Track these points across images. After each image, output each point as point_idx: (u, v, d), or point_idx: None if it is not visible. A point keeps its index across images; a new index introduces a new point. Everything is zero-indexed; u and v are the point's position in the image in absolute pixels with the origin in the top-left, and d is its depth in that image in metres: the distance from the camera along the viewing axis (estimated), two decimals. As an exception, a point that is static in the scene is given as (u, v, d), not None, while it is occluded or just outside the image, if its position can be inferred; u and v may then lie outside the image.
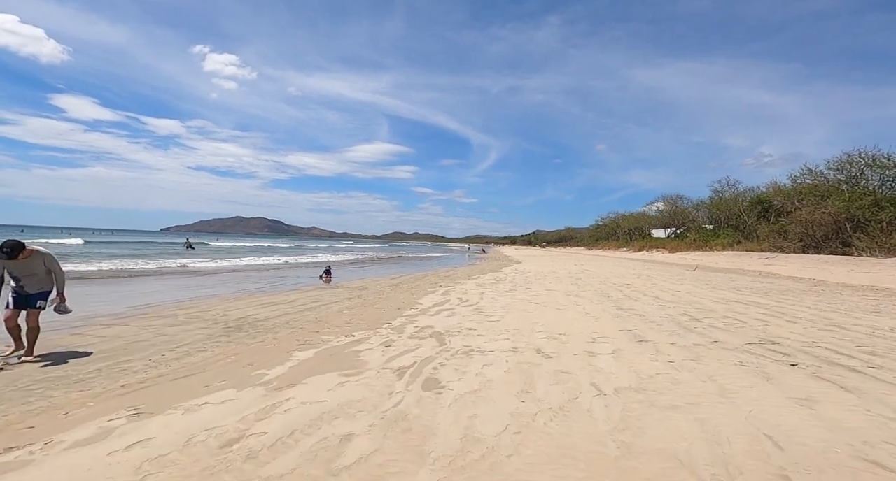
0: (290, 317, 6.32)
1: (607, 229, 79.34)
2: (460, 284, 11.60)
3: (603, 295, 9.07)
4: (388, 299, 8.53)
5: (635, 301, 8.08)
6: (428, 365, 3.76)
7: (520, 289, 10.40)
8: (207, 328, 5.40)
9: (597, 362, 3.88)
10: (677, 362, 3.86)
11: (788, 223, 30.88)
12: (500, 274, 15.86)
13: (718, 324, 5.77)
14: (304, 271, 17.10)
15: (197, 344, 4.53)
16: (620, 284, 11.44)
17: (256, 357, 4.00)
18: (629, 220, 70.42)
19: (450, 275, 16.00)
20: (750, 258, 26.40)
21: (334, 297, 8.84)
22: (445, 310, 7.09)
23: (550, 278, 13.62)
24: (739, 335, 5.04)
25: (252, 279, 13.24)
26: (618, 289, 10.13)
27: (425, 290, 10.09)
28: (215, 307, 7.18)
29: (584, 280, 12.94)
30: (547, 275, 14.83)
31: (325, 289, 10.72)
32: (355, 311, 6.95)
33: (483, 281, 12.69)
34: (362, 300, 8.48)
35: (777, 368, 3.65)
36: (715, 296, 8.94)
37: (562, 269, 18.43)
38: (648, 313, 6.65)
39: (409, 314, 6.60)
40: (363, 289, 10.74)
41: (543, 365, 3.78)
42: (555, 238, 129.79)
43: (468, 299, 8.40)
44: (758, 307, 7.30)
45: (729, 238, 38.20)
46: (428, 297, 8.72)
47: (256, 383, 3.21)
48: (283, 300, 8.23)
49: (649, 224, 65.51)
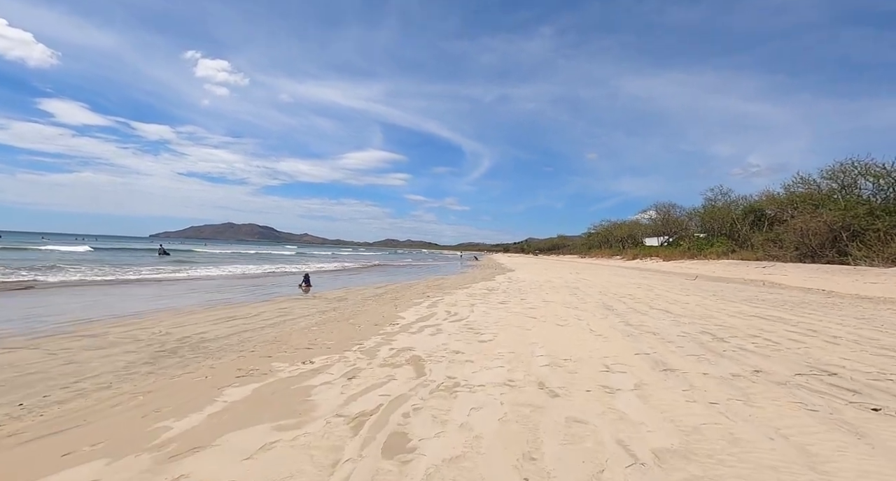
0: (245, 336, 5.35)
1: (600, 237, 79.10)
2: (450, 294, 10.68)
3: (606, 307, 8.21)
4: (366, 312, 7.58)
5: (643, 315, 7.22)
6: (397, 409, 2.84)
7: (514, 300, 9.51)
8: (135, 352, 4.41)
9: (618, 403, 2.98)
10: (722, 403, 2.98)
11: (783, 232, 30.54)
12: (493, 283, 14.97)
13: (748, 345, 4.92)
14: (286, 279, 16.07)
15: (106, 376, 3.55)
16: (622, 295, 10.61)
17: (173, 397, 3.04)
18: (622, 229, 70.25)
19: (439, 284, 15.07)
20: (747, 267, 25.83)
21: (306, 310, 7.87)
22: (430, 326, 6.16)
23: (546, 288, 12.76)
24: (780, 361, 4.18)
25: (224, 288, 12.19)
26: (620, 301, 9.28)
27: (410, 302, 9.15)
28: (161, 323, 6.17)
29: (582, 290, 12.09)
30: (542, 285, 13.96)
31: (301, 299, 9.73)
32: (325, 328, 6.00)
33: (474, 291, 11.78)
34: (337, 313, 7.52)
35: (858, 415, 2.78)
36: (729, 308, 8.12)
37: (557, 278, 17.59)
38: (662, 330, 5.78)
39: (386, 332, 5.66)
40: (342, 299, 9.77)
41: (549, 408, 2.88)
42: (547, 246, 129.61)
43: (457, 312, 7.48)
44: (783, 323, 6.48)
45: (723, 246, 37.82)
46: (412, 310, 7.78)
47: (146, 446, 2.25)
48: (247, 313, 7.24)
49: (642, 232, 65.32)
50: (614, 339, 5.20)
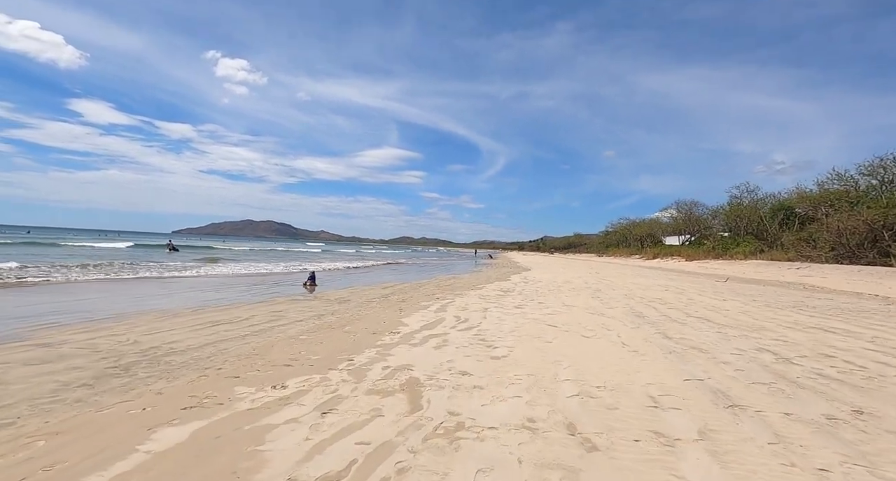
0: (221, 347, 4.64)
1: (618, 236, 77.20)
2: (461, 296, 9.87)
3: (636, 314, 7.29)
4: (366, 317, 6.83)
5: (681, 325, 6.29)
6: (375, 470, 2.05)
7: (531, 303, 8.65)
8: (81, 368, 3.72)
9: (685, 467, 2.13)
10: (836, 472, 2.11)
11: (816, 231, 28.85)
12: (508, 283, 14.10)
13: (825, 369, 3.98)
14: (294, 277, 15.48)
15: (19, 406, 2.83)
16: (651, 299, 9.63)
17: (82, 444, 2.30)
18: (641, 227, 68.33)
19: (451, 283, 14.27)
20: (778, 268, 24.33)
21: (302, 314, 7.16)
22: (436, 335, 5.37)
23: (566, 289, 11.84)
24: (884, 398, 3.25)
25: (225, 287, 11.63)
26: (650, 306, 8.33)
27: (417, 304, 8.37)
28: (136, 328, 5.52)
29: (605, 292, 11.14)
30: (561, 286, 13.04)
31: (300, 300, 9.05)
32: (316, 337, 5.25)
33: (488, 292, 10.95)
34: (335, 318, 6.78)
35: None
36: (780, 318, 7.10)
37: (576, 278, 16.61)
38: (710, 346, 4.86)
39: (384, 343, 4.88)
40: (344, 301, 9.05)
41: (588, 473, 2.05)
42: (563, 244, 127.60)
43: (467, 318, 6.67)
44: (854, 338, 5.48)
45: (750, 246, 36.12)
46: (418, 315, 7.00)
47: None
48: (234, 317, 6.56)
49: (662, 231, 63.33)
50: (654, 357, 4.32)
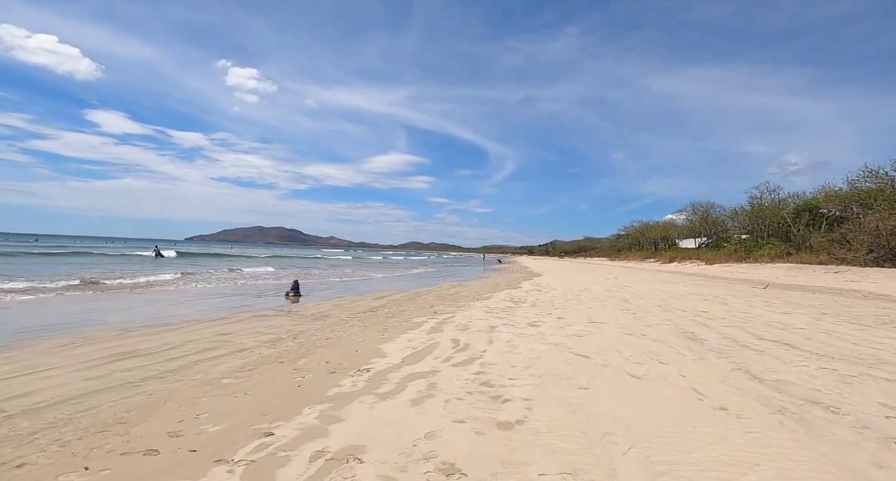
0: (86, 404, 3.08)
1: (630, 239, 75.00)
2: (464, 309, 8.25)
3: (687, 335, 5.61)
4: (337, 342, 5.25)
5: (759, 353, 4.60)
6: None
7: (548, 318, 7.01)
8: None
9: None
10: None
11: (850, 231, 26.79)
12: (519, 291, 12.44)
13: None
14: (279, 285, 14.00)
15: None
16: (694, 312, 7.91)
17: None
18: (655, 229, 66.15)
19: (454, 292, 12.66)
20: (813, 272, 22.31)
21: (255, 337, 5.60)
22: (419, 375, 3.77)
23: (586, 299, 10.15)
24: None
25: (197, 298, 10.16)
26: (698, 321, 6.64)
27: (409, 322, 6.78)
28: (11, 364, 4.01)
29: (633, 302, 9.43)
30: (579, 294, 11.35)
31: (267, 317, 7.50)
32: (245, 382, 3.68)
33: (496, 303, 9.31)
34: (295, 344, 5.21)
35: None
36: (882, 340, 5.37)
37: (594, 285, 14.88)
38: (833, 397, 3.19)
39: (340, 392, 3.30)
40: (322, 317, 7.49)
41: None
42: (573, 248, 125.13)
43: (468, 343, 5.06)
44: None
45: (775, 249, 33.98)
46: (405, 338, 5.41)
47: None
48: (160, 345, 5.02)
49: (678, 233, 61.11)
50: (761, 424, 2.67)
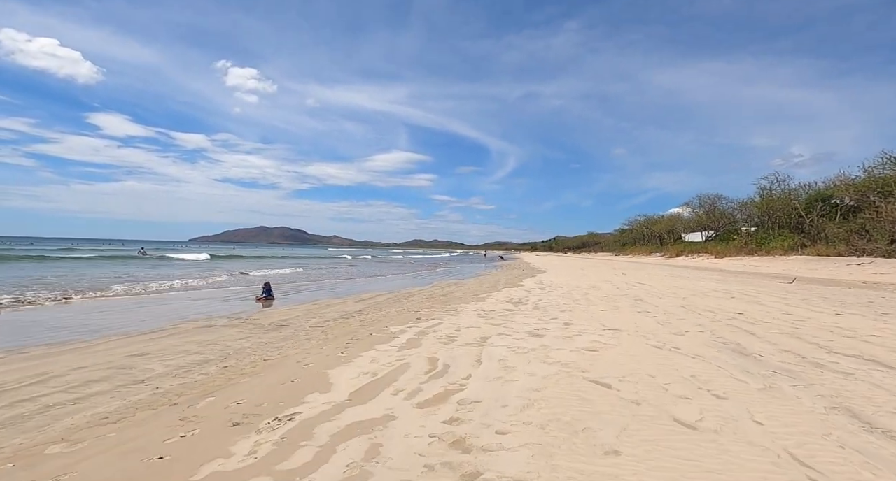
0: None
1: (634, 233, 73.50)
2: (453, 313, 7.01)
3: (735, 350, 4.34)
4: (276, 365, 4.02)
5: (848, 378, 3.32)
6: None
7: (553, 324, 5.76)
8: None
9: None
10: None
11: (870, 221, 25.36)
12: (520, 291, 11.18)
13: None
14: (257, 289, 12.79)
15: None
16: (726, 314, 6.62)
17: None
18: (661, 223, 64.66)
19: (448, 292, 11.42)
20: (834, 264, 20.93)
21: (176, 360, 4.38)
22: (360, 428, 2.52)
23: (596, 299, 8.89)
24: None
25: (155, 302, 8.96)
26: (739, 329, 5.37)
27: (382, 332, 5.55)
28: None
29: (650, 302, 8.15)
30: (588, 293, 10.08)
31: (214, 329, 6.27)
32: (89, 445, 2.46)
33: (492, 305, 8.06)
34: (219, 369, 3.98)
35: None
36: None
37: (603, 282, 13.59)
38: None
39: (219, 469, 2.08)
40: (280, 327, 6.26)
41: None
42: (577, 243, 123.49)
43: (448, 363, 3.82)
44: None
45: (788, 240, 32.52)
46: (367, 357, 4.17)
47: None
48: (39, 373, 3.80)
49: (684, 227, 59.63)
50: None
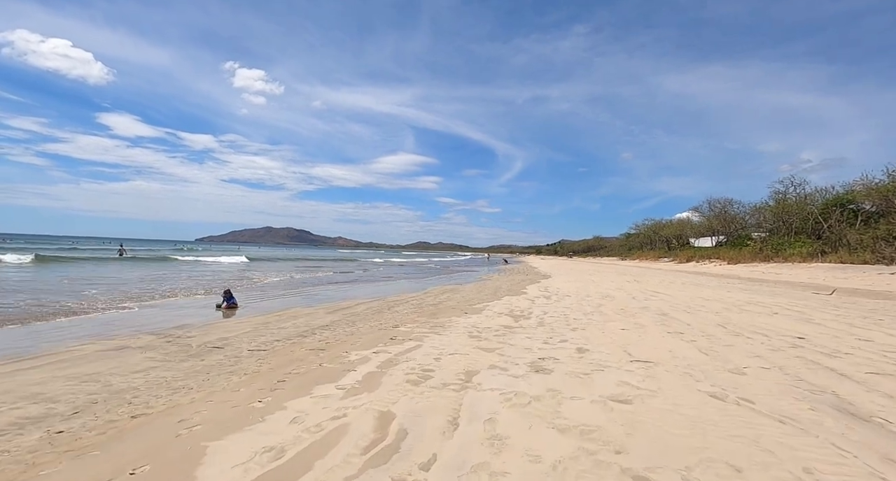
0: None
1: (641, 237, 71.78)
2: (438, 331, 5.65)
3: (835, 405, 2.93)
4: (145, 426, 2.68)
5: None
6: None
7: (564, 353, 4.38)
8: None
9: None
10: None
11: (897, 227, 23.75)
12: (522, 299, 9.78)
13: None
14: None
15: None
16: (784, 339, 5.19)
17: None
18: (669, 228, 62.96)
19: (440, 301, 10.05)
20: (863, 273, 19.31)
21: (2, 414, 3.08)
22: None
23: (612, 311, 7.48)
24: None
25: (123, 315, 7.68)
26: (818, 365, 3.97)
27: (336, 362, 4.20)
28: None
29: (677, 317, 6.72)
30: (601, 304, 8.67)
31: (124, 352, 4.95)
32: None
33: (488, 319, 6.68)
34: (38, 442, 2.67)
35: None
36: None
37: (615, 290, 12.15)
38: None
39: None
40: (210, 351, 4.92)
41: None
42: (582, 247, 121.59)
43: (405, 429, 2.46)
44: None
45: (807, 247, 30.88)
46: (289, 412, 2.83)
47: None
48: None
49: (694, 231, 57.94)
50: None
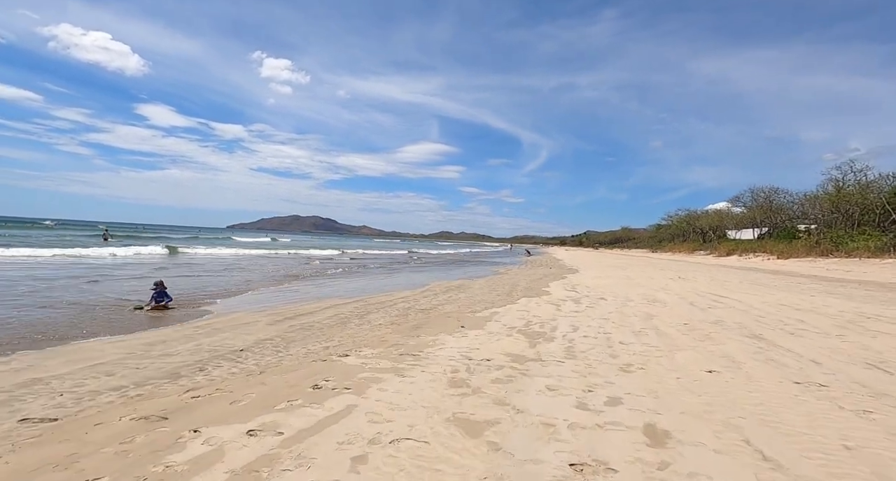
0: None
1: (673, 229, 67.48)
2: (404, 368, 3.50)
3: None
4: None
5: None
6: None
7: (620, 436, 2.18)
8: None
9: None
10: None
11: None
12: (544, 302, 7.49)
13: None
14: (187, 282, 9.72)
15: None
16: None
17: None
18: (706, 218, 58.62)
19: (437, 303, 7.88)
20: (961, 272, 16.05)
21: None
22: None
23: (672, 329, 5.14)
24: None
25: None
26: None
27: (172, 447, 2.16)
28: None
29: (774, 342, 4.33)
30: (651, 313, 6.31)
31: None
32: None
33: (491, 341, 4.48)
34: None
35: None
36: None
37: (659, 290, 9.66)
38: None
39: None
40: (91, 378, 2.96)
41: None
42: (609, 239, 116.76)
43: None
44: None
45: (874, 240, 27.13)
46: None
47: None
48: None
49: (734, 223, 53.57)
50: None
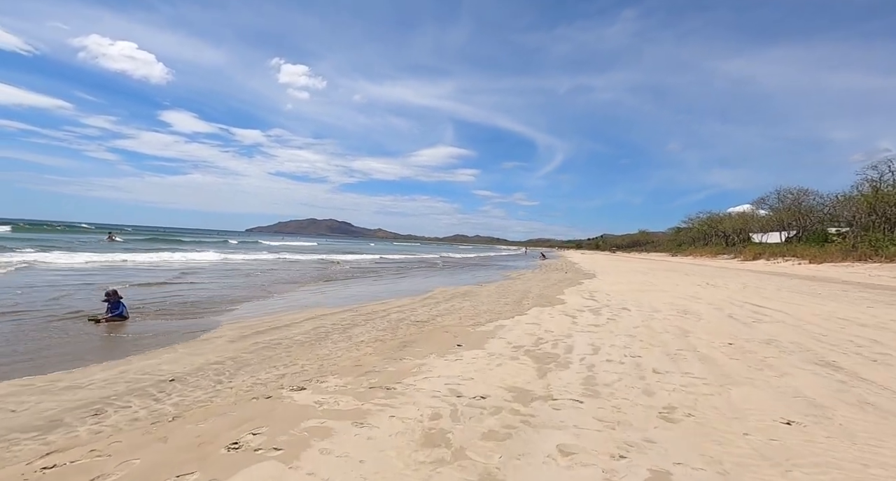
0: None
1: (694, 232, 65.20)
2: (369, 411, 2.48)
3: None
4: None
5: None
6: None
7: None
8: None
9: None
10: None
11: None
12: (558, 313, 6.39)
13: None
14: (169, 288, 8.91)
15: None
16: None
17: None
18: (729, 222, 56.30)
19: (436, 314, 6.85)
20: None
21: None
22: None
23: (719, 353, 4.03)
24: None
25: None
26: None
27: None
28: None
29: (873, 380, 3.24)
30: (689, 332, 5.18)
31: None
32: None
33: (488, 368, 3.42)
34: None
35: None
36: None
37: (692, 300, 8.45)
38: None
39: None
40: None
41: None
42: (626, 242, 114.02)
43: None
44: None
45: (918, 244, 25.14)
46: None
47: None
48: None
49: (759, 226, 51.25)
50: None
